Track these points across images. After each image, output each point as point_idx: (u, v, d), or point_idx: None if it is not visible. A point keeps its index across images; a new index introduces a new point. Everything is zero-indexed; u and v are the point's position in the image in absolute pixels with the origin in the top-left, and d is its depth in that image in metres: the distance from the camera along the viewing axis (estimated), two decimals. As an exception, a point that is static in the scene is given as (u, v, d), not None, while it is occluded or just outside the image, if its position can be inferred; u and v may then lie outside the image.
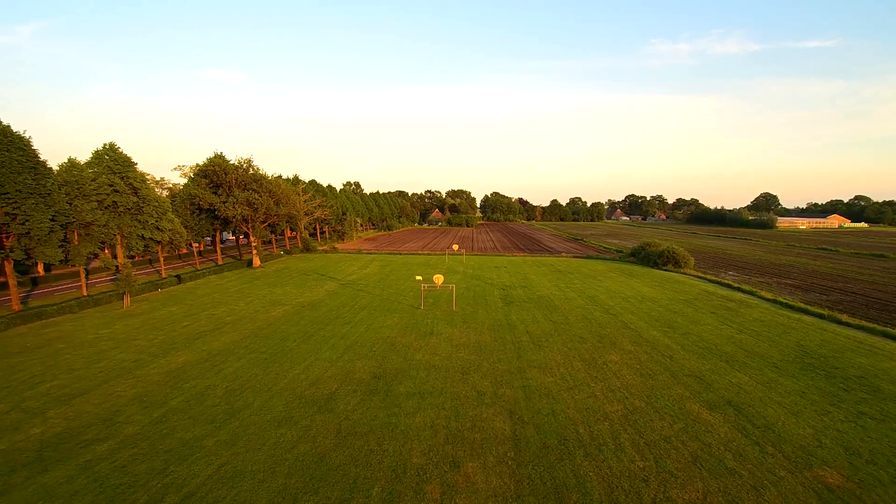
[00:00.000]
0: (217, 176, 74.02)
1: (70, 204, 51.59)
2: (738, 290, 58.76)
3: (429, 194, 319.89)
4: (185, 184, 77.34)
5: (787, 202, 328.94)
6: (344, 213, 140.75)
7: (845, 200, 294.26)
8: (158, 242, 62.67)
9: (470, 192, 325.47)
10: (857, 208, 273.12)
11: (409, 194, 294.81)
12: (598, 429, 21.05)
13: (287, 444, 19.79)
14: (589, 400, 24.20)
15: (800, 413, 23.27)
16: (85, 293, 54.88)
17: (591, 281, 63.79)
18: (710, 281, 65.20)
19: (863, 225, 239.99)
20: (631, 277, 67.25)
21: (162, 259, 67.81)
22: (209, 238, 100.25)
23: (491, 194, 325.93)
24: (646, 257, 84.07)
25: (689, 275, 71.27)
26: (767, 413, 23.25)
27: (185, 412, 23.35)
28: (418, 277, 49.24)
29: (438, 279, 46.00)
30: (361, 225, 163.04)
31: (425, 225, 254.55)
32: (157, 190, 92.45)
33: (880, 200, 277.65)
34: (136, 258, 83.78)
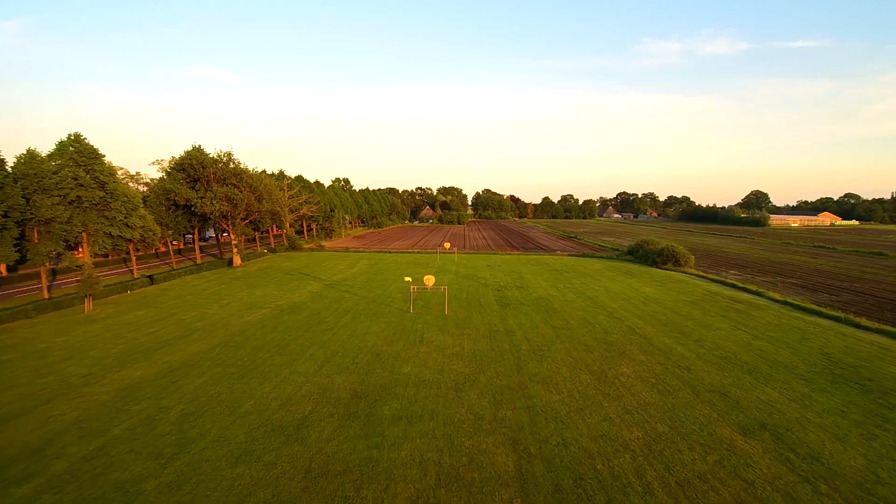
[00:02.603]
0: (194, 170, 69.73)
1: (27, 199, 47.35)
2: (744, 290, 56.03)
3: (419, 191, 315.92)
4: (160, 178, 72.88)
5: (776, 200, 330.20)
6: (332, 211, 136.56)
7: (835, 198, 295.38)
8: (129, 240, 58.38)
9: (461, 190, 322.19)
10: (847, 206, 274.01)
11: (400, 191, 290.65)
12: (619, 463, 17.74)
13: (244, 488, 16.21)
14: (604, 424, 20.90)
15: (845, 438, 20.19)
16: (46, 296, 50.60)
17: (589, 281, 60.73)
18: (713, 280, 62.48)
19: (854, 223, 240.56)
20: (631, 277, 64.31)
21: (134, 258, 63.58)
22: (190, 235, 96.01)
23: (482, 191, 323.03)
24: (644, 256, 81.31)
25: (691, 274, 68.54)
26: (809, 438, 20.13)
27: (127, 443, 19.65)
28: (407, 278, 45.69)
29: (429, 280, 42.53)
30: (350, 222, 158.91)
31: (416, 222, 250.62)
32: (132, 185, 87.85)
33: (870, 198, 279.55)
34: (111, 257, 79.17)
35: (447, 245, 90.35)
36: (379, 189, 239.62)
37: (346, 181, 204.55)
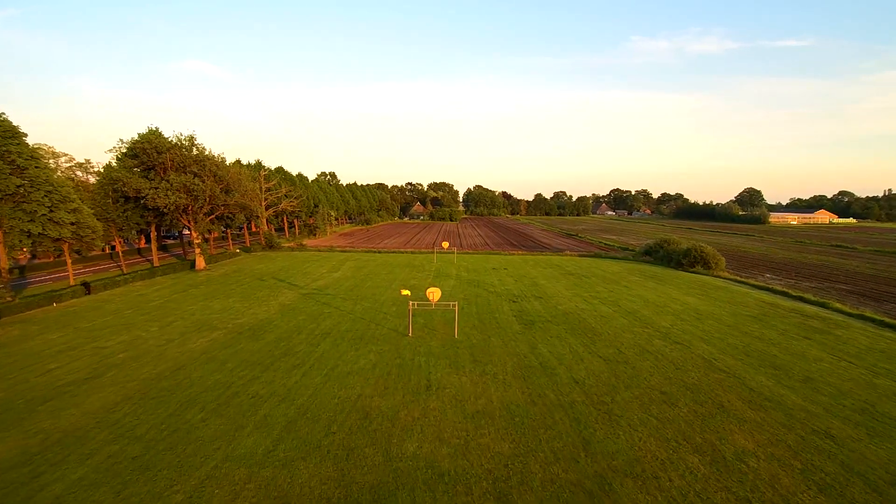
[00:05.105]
0: (148, 156, 58.70)
1: None
2: (800, 299, 47.34)
3: (409, 187, 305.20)
4: (106, 165, 61.73)
5: (768, 197, 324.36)
6: (316, 206, 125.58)
7: (829, 196, 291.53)
8: (58, 239, 47.42)
9: (453, 185, 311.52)
10: (842, 204, 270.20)
11: (389, 187, 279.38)
12: None
13: None
14: (785, 588, 11.39)
15: None
16: (-58, 311, 39.64)
17: (616, 287, 51.47)
18: (759, 287, 53.71)
19: (851, 220, 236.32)
20: (661, 283, 55.23)
21: (69, 261, 52.56)
22: (157, 233, 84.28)
23: (474, 188, 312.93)
24: (666, 257, 72.42)
25: (726, 279, 59.79)
26: None
27: None
28: (405, 292, 35.74)
29: (433, 294, 32.71)
30: (336, 219, 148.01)
31: (406, 219, 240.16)
32: (79, 174, 76.38)
33: (863, 196, 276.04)
34: (52, 258, 67.65)
35: (445, 244, 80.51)
36: (367, 184, 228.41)
37: (333, 175, 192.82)
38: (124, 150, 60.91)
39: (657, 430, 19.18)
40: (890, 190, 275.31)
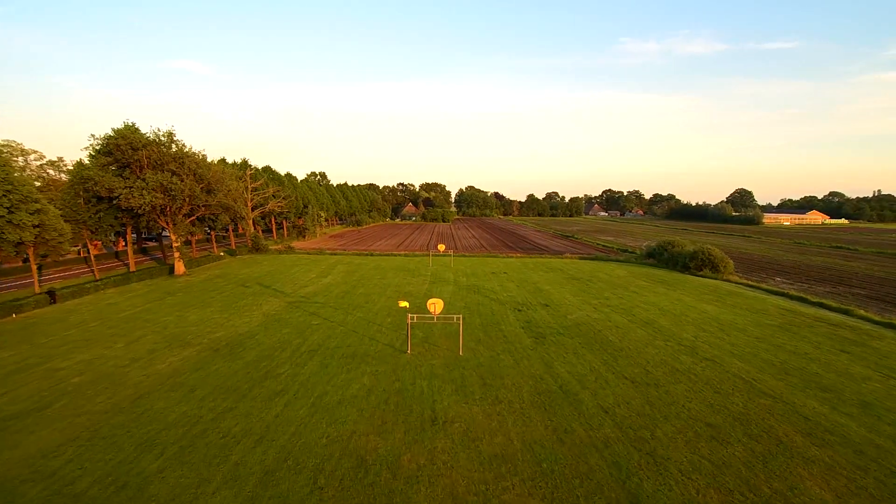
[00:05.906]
0: (123, 153, 54.50)
1: None
2: (820, 305, 44.69)
3: (401, 187, 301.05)
4: (77, 163, 57.39)
5: (758, 198, 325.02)
6: (305, 207, 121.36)
7: (819, 197, 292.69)
8: (20, 243, 43.20)
9: (445, 186, 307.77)
10: (833, 205, 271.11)
11: (381, 187, 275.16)
12: None
13: None
14: None
15: None
16: None
17: (625, 293, 48.39)
18: (772, 292, 51.00)
19: (843, 221, 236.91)
20: (671, 288, 52.29)
21: (34, 267, 48.21)
22: (135, 235, 79.93)
23: (466, 188, 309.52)
24: (671, 260, 69.64)
25: (737, 283, 57.09)
26: None
27: None
28: (403, 304, 32.12)
29: (435, 305, 29.23)
30: (326, 220, 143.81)
31: (398, 220, 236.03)
32: (51, 172, 71.69)
33: (853, 197, 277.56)
34: (20, 263, 63.00)
35: (441, 247, 76.94)
36: (358, 185, 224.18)
37: (323, 175, 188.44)
38: (97, 147, 56.67)
39: (714, 477, 15.91)
40: (879, 191, 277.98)
